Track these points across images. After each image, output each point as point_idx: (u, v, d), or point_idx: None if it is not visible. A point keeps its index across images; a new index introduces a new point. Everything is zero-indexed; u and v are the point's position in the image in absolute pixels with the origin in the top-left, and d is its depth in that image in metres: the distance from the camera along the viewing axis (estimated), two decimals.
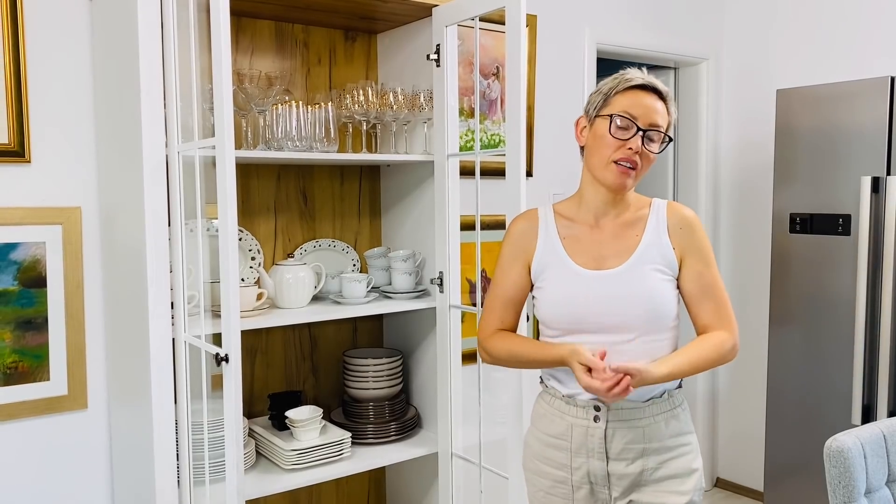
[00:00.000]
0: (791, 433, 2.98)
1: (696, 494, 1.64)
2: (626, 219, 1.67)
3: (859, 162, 2.73)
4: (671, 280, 1.64)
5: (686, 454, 1.65)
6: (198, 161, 1.80)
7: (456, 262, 2.37)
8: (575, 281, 1.64)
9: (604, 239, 1.66)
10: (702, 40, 3.68)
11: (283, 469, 2.22)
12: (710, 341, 1.62)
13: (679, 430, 1.65)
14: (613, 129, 1.58)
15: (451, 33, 2.30)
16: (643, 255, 1.62)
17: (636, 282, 1.60)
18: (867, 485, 1.66)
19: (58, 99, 2.10)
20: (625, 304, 1.59)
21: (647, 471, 1.62)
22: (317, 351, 2.63)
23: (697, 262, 1.63)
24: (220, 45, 1.62)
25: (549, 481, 1.70)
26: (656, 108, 1.59)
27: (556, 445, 1.68)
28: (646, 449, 1.62)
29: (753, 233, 3.69)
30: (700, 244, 1.65)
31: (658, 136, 1.59)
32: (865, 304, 2.69)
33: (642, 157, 1.58)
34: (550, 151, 3.08)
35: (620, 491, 1.64)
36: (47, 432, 2.13)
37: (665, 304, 1.61)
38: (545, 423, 1.71)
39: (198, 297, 1.98)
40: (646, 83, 1.61)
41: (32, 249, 2.08)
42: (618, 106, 1.59)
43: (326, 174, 2.60)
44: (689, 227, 1.65)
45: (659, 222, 1.65)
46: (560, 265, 1.66)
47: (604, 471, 1.63)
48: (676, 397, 1.67)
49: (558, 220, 1.71)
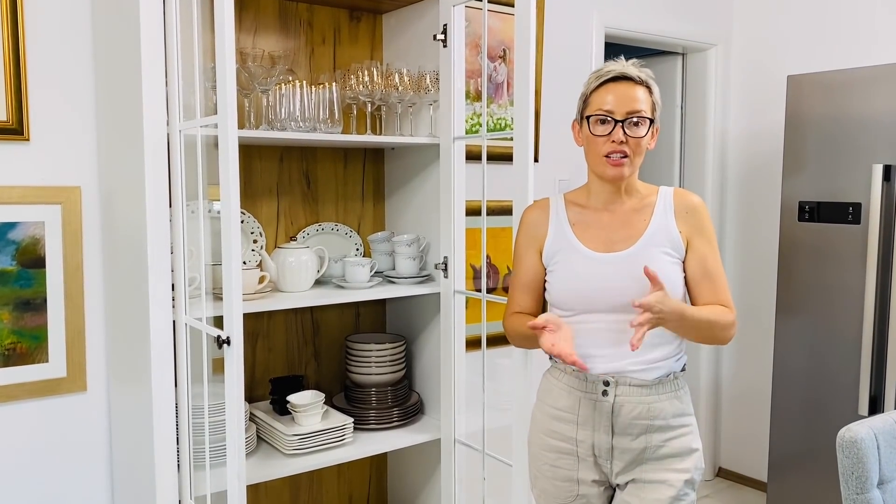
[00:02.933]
0: (796, 424, 2.96)
1: (696, 473, 1.70)
2: (634, 205, 1.74)
3: (871, 149, 2.69)
4: (678, 263, 1.69)
5: (687, 434, 1.70)
6: (200, 140, 1.76)
7: (461, 248, 2.34)
8: (585, 263, 1.70)
9: (613, 224, 1.73)
10: (711, 25, 3.63)
11: (284, 454, 2.20)
12: (717, 308, 1.68)
13: (682, 410, 1.70)
14: (593, 128, 1.67)
15: (459, 13, 2.26)
16: (652, 238, 1.68)
17: (645, 262, 1.64)
18: (880, 476, 1.64)
19: (58, 76, 2.06)
20: (634, 285, 1.63)
21: (651, 448, 1.67)
22: (319, 335, 2.61)
23: (703, 245, 1.70)
24: (224, 24, 1.58)
25: (554, 454, 1.75)
26: (633, 95, 1.65)
27: (563, 418, 1.73)
28: (650, 426, 1.67)
29: (761, 221, 3.65)
30: (705, 229, 1.71)
31: (643, 120, 1.65)
32: (875, 294, 2.66)
33: (630, 144, 1.65)
34: (557, 137, 3.04)
35: (622, 465, 1.69)
36: (46, 415, 2.10)
37: (673, 285, 1.65)
38: (553, 396, 1.76)
39: (199, 279, 1.95)
40: (617, 74, 1.67)
41: (31, 229, 2.05)
42: (594, 105, 1.67)
43: (330, 156, 2.57)
44: (695, 212, 1.71)
45: (666, 207, 1.72)
46: (571, 249, 1.73)
47: (608, 444, 1.68)
48: (680, 380, 1.73)
49: (569, 208, 1.78)
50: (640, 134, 1.65)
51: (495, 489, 2.35)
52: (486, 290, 2.71)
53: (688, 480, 1.67)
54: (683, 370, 1.74)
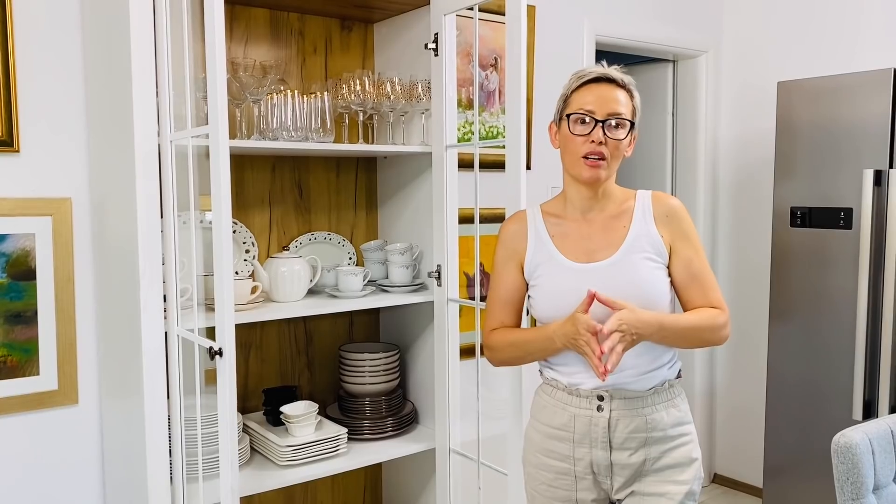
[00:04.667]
0: (791, 429, 2.96)
1: (696, 483, 1.66)
2: (612, 212, 1.70)
3: (861, 155, 2.71)
4: (662, 267, 1.66)
5: (686, 444, 1.67)
6: (191, 151, 1.76)
7: (454, 256, 2.34)
8: (567, 275, 1.66)
9: (592, 233, 1.69)
10: (701, 32, 3.64)
11: (277, 465, 2.19)
12: (706, 312, 1.65)
13: (679, 419, 1.67)
14: (573, 127, 1.63)
15: (450, 22, 2.27)
16: (632, 245, 1.65)
17: (628, 270, 1.62)
18: (875, 481, 1.64)
19: (48, 87, 2.06)
20: (618, 293, 1.59)
21: (650, 460, 1.64)
22: (312, 345, 2.59)
23: (687, 248, 1.66)
24: (214, 33, 1.58)
25: (551, 474, 1.70)
26: (614, 97, 1.63)
27: (559, 437, 1.68)
28: (648, 438, 1.63)
29: (753, 227, 3.66)
30: (688, 231, 1.68)
31: (623, 122, 1.62)
32: (867, 299, 2.66)
33: (609, 147, 1.61)
34: (549, 145, 3.02)
35: (623, 481, 1.65)
36: (37, 428, 2.09)
37: (658, 291, 1.63)
38: (546, 415, 1.72)
39: (191, 290, 1.94)
40: (599, 75, 1.65)
41: (21, 241, 2.03)
42: (575, 104, 1.64)
43: (322, 166, 2.56)
44: (675, 216, 1.68)
45: (645, 212, 1.68)
46: (551, 262, 1.69)
47: (607, 461, 1.64)
48: (676, 387, 1.69)
49: (546, 219, 1.74)
50: (619, 136, 1.62)
51: (490, 498, 2.34)
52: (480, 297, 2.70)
53: (688, 492, 1.64)
54: (679, 377, 1.71)
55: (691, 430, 1.69)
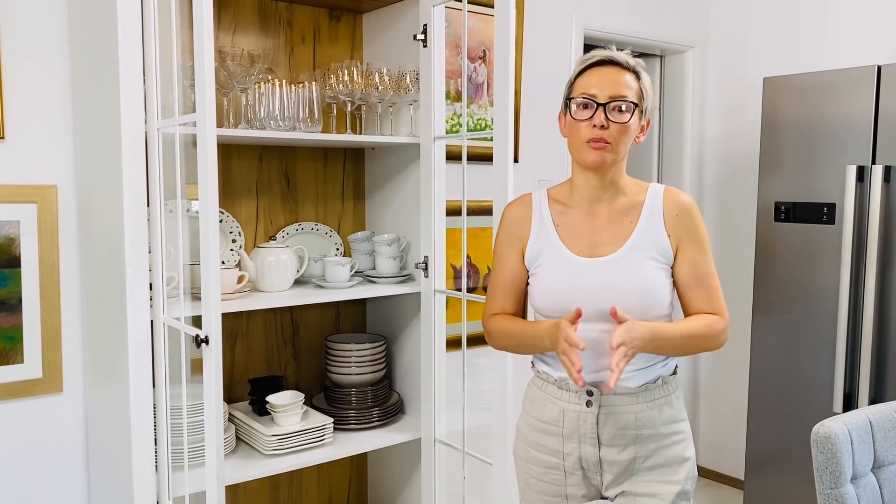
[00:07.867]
0: (773, 422, 2.99)
1: (688, 483, 1.63)
2: (621, 205, 1.64)
3: (845, 150, 2.73)
4: (665, 268, 1.61)
5: (679, 442, 1.63)
6: (178, 139, 1.75)
7: (441, 247, 2.34)
8: (568, 268, 1.62)
9: (598, 226, 1.64)
10: (688, 28, 3.66)
11: (263, 454, 2.19)
12: (703, 319, 1.62)
13: (673, 417, 1.64)
14: (575, 112, 1.58)
15: (439, 13, 2.27)
16: (637, 244, 1.60)
17: (630, 269, 1.58)
18: (853, 471, 1.66)
19: (34, 73, 2.04)
20: (618, 292, 1.56)
21: (640, 458, 1.61)
22: (298, 335, 2.60)
23: (693, 250, 1.61)
24: (202, 22, 1.57)
25: (540, 468, 1.68)
26: (618, 79, 1.57)
27: (548, 431, 1.66)
28: (638, 436, 1.60)
29: (738, 221, 3.69)
30: (697, 232, 1.62)
31: (628, 106, 1.56)
32: (849, 293, 2.69)
33: (613, 131, 1.55)
34: (536, 137, 3.05)
35: (612, 478, 1.63)
36: (21, 416, 2.08)
37: (658, 293, 1.59)
38: (537, 408, 1.70)
39: (177, 278, 1.93)
40: (603, 58, 1.59)
41: (6, 228, 2.02)
42: (578, 89, 1.59)
43: (310, 156, 2.56)
44: (686, 215, 1.62)
45: (654, 210, 1.62)
46: (554, 252, 1.64)
47: (596, 457, 1.62)
48: (671, 384, 1.66)
49: (552, 206, 1.69)
50: (623, 120, 1.55)
51: (475, 488, 2.36)
52: (467, 289, 2.71)
53: (680, 492, 1.61)
54: (674, 373, 1.67)
55: (685, 429, 1.66)
